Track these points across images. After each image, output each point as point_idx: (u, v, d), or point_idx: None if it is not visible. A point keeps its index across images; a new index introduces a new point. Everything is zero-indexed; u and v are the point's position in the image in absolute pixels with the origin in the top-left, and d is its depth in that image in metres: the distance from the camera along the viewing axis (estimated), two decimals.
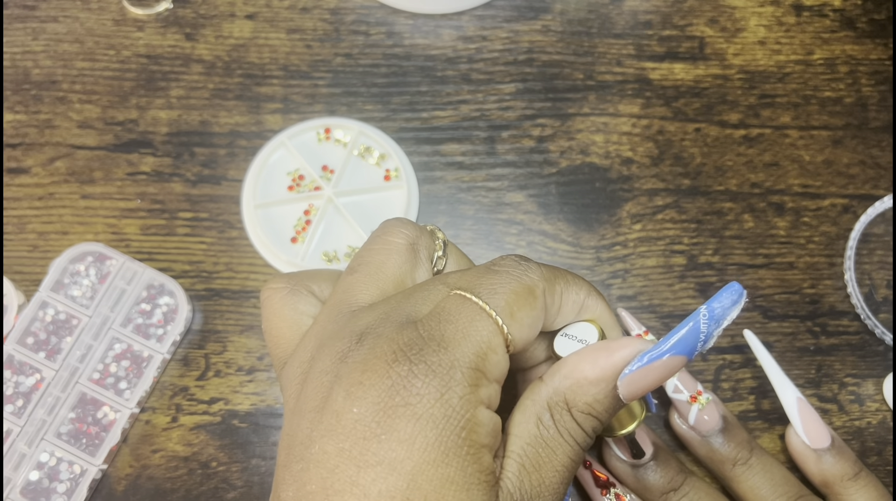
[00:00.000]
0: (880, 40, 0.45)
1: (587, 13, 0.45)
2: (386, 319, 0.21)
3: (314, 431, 0.20)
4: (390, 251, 0.24)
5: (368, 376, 0.20)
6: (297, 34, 0.44)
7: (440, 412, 0.20)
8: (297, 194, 0.40)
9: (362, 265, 0.24)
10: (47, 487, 0.35)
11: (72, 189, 0.41)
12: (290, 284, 0.24)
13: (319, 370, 0.21)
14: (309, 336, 0.23)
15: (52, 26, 0.43)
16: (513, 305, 0.22)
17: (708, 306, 0.22)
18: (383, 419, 0.20)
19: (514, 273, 0.23)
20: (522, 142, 0.42)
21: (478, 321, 0.21)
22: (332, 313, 0.23)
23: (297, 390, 0.22)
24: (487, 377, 0.21)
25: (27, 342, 0.37)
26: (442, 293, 0.22)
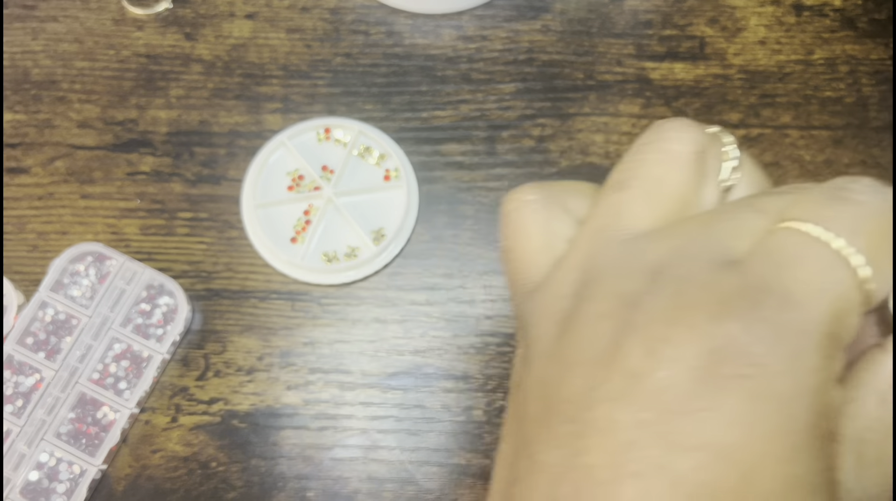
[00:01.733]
0: (881, 40, 0.45)
1: (587, 13, 0.45)
2: (685, 254, 0.17)
3: (595, 390, 0.16)
4: (671, 162, 0.19)
5: (680, 332, 0.15)
6: (297, 34, 0.44)
7: (789, 389, 0.15)
8: (296, 193, 0.40)
9: (635, 180, 0.19)
10: (47, 487, 0.35)
11: (71, 189, 0.41)
12: (542, 196, 0.20)
13: (596, 313, 0.17)
14: (570, 265, 0.18)
15: (51, 26, 0.43)
16: (880, 250, 0.16)
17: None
18: (704, 391, 0.15)
19: (878, 204, 0.17)
20: (522, 142, 0.42)
21: (834, 270, 0.16)
22: (599, 239, 0.18)
23: (555, 330, 0.18)
24: (842, 344, 0.16)
25: (27, 342, 0.37)
26: (760, 225, 0.17)
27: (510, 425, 0.19)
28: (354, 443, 0.37)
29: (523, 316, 0.19)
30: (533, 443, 0.17)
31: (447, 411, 0.38)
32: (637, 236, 0.18)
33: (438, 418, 0.38)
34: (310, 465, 0.37)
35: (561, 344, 0.17)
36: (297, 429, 0.37)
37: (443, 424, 0.38)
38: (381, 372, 0.38)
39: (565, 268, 0.19)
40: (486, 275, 0.40)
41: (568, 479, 0.16)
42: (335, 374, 0.38)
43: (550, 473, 0.17)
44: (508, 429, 0.19)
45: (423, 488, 0.37)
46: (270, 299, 0.39)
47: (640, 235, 0.18)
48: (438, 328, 0.39)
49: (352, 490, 0.37)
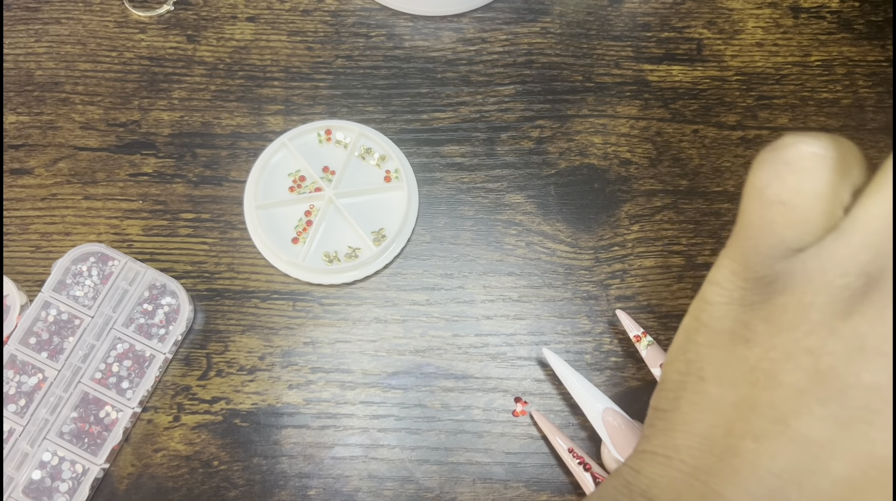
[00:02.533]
0: (878, 42, 0.45)
1: (586, 15, 0.45)
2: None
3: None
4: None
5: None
6: (299, 36, 0.44)
7: None
8: (298, 194, 0.41)
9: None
10: (49, 486, 0.36)
11: (74, 190, 0.41)
12: (836, 154, 0.18)
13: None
14: (859, 242, 0.17)
15: (54, 28, 0.44)
16: None
17: None
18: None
19: None
20: (522, 143, 0.42)
21: None
22: (890, 229, 0.17)
23: (840, 306, 0.17)
24: None
25: (30, 341, 0.37)
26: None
27: (723, 379, 0.18)
28: (355, 442, 0.38)
29: (773, 274, 0.18)
30: (790, 412, 0.17)
31: (447, 410, 0.38)
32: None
33: (438, 417, 0.38)
34: (311, 464, 0.37)
35: (849, 324, 0.17)
36: (298, 428, 0.38)
37: (443, 423, 0.38)
38: (382, 372, 0.39)
39: (854, 244, 0.17)
40: (486, 275, 0.40)
41: (844, 457, 0.16)
42: (336, 373, 0.39)
43: (818, 448, 0.16)
44: (716, 381, 0.18)
45: (423, 486, 0.37)
46: (272, 299, 0.40)
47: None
48: (438, 327, 0.39)
49: (352, 489, 0.37)
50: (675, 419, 0.19)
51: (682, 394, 0.19)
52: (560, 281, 0.40)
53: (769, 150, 0.19)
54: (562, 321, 0.39)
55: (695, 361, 0.19)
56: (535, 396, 0.38)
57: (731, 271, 0.19)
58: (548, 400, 0.38)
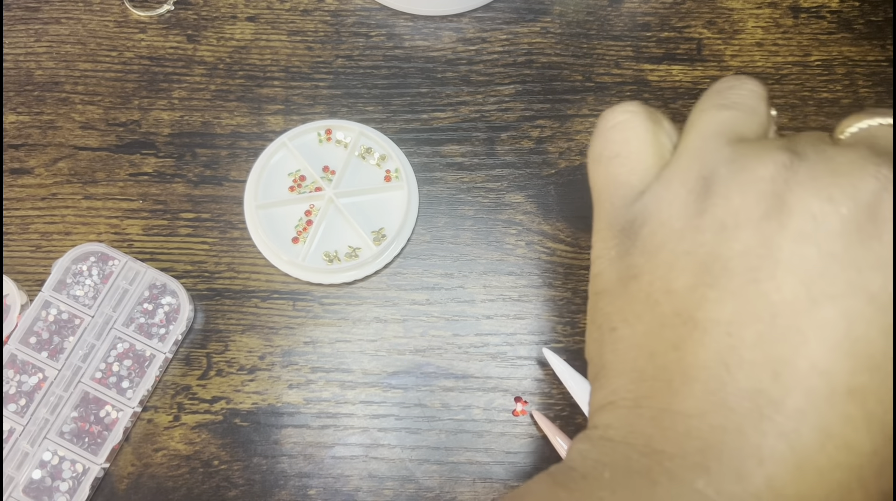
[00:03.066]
0: (877, 42, 0.45)
1: (586, 15, 0.45)
2: (807, 141, 0.19)
3: (773, 238, 0.18)
4: (759, 100, 0.22)
5: (843, 182, 0.18)
6: (299, 36, 0.44)
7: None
8: (298, 194, 0.41)
9: (737, 105, 0.22)
10: (50, 486, 0.36)
11: (74, 190, 0.41)
12: (646, 109, 0.23)
13: (749, 180, 0.19)
14: (689, 162, 0.21)
15: (54, 28, 0.44)
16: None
17: None
18: (877, 224, 0.17)
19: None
20: (522, 143, 0.42)
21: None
22: (714, 141, 0.21)
23: (694, 209, 0.19)
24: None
25: (30, 341, 0.37)
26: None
27: (629, 318, 0.20)
28: (355, 441, 0.38)
29: (631, 216, 0.21)
30: (692, 308, 0.19)
31: (447, 410, 0.38)
32: (747, 142, 0.20)
33: (438, 416, 0.38)
34: (311, 463, 0.37)
35: (706, 216, 0.19)
36: (298, 428, 0.38)
37: (442, 422, 0.38)
38: (382, 371, 0.39)
39: (685, 165, 0.21)
40: (486, 275, 0.40)
41: (753, 321, 0.18)
42: (336, 373, 0.39)
43: (727, 324, 0.18)
44: (624, 323, 0.20)
45: (423, 486, 0.37)
46: (272, 298, 0.40)
47: (750, 142, 0.20)
48: (438, 327, 0.39)
49: (352, 488, 0.37)
50: (606, 373, 0.21)
51: (604, 352, 0.21)
52: (560, 281, 0.40)
53: (596, 128, 0.23)
54: (562, 321, 0.39)
55: (603, 322, 0.21)
56: (535, 396, 0.38)
57: (602, 238, 0.22)
58: (548, 400, 0.38)
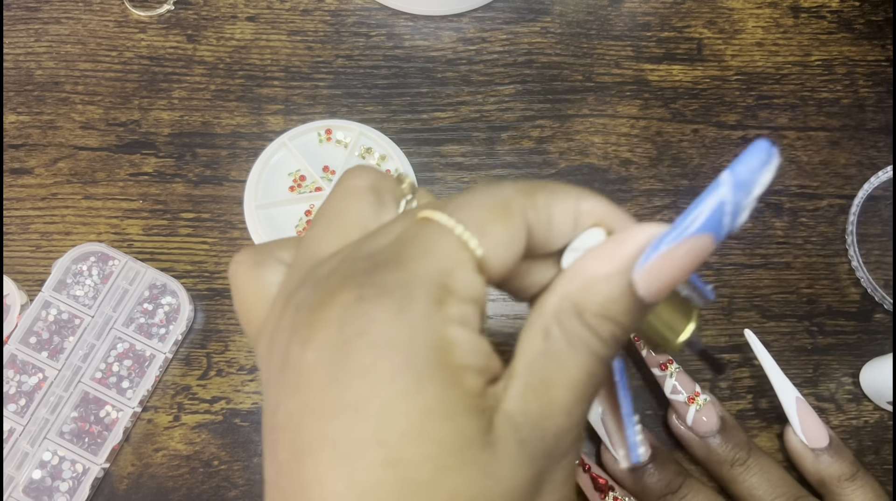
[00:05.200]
0: (878, 42, 0.45)
1: (586, 15, 0.45)
2: (345, 259, 0.19)
3: (279, 393, 0.18)
4: (349, 197, 0.22)
5: (317, 315, 0.18)
6: (299, 36, 0.44)
7: (401, 334, 0.17)
8: (298, 194, 0.41)
9: (321, 216, 0.22)
10: (50, 486, 0.36)
11: (74, 190, 0.41)
12: (254, 255, 0.22)
13: (280, 328, 0.19)
14: (275, 302, 0.21)
15: (54, 28, 0.44)
16: (482, 219, 0.19)
17: (731, 170, 0.18)
18: (339, 357, 0.17)
19: (484, 190, 0.20)
20: (522, 143, 0.42)
21: (441, 238, 0.19)
22: (296, 271, 0.21)
23: (267, 361, 0.20)
24: (455, 294, 0.18)
25: (30, 341, 0.37)
26: (404, 224, 0.20)
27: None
28: None
29: (258, 361, 0.21)
30: (264, 468, 0.19)
31: None
32: (322, 260, 0.20)
33: None
34: None
35: (268, 371, 0.19)
36: None
37: None
38: None
39: (273, 306, 0.21)
40: None
41: (278, 489, 0.18)
42: None
43: (270, 490, 0.18)
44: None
45: None
46: None
47: (325, 258, 0.20)
48: None
49: None
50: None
51: None
52: None
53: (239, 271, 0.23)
54: None
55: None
56: None
57: None
58: None
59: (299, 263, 0.21)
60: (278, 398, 0.18)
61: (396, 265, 0.18)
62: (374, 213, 0.22)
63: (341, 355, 0.17)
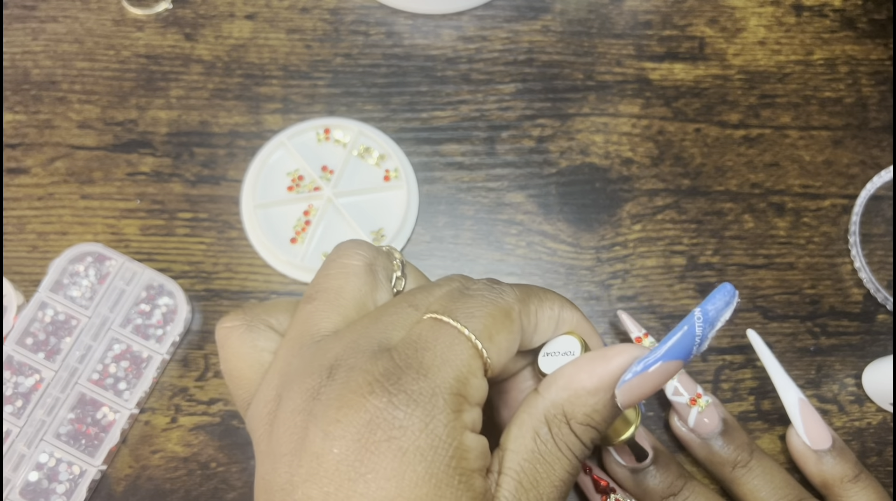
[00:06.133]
0: (880, 40, 0.45)
1: (587, 13, 0.45)
2: (356, 348, 0.21)
3: (294, 476, 0.19)
4: (348, 275, 0.23)
5: (345, 412, 0.19)
6: (297, 34, 0.44)
7: (426, 442, 0.19)
8: (296, 194, 0.40)
9: (320, 292, 0.23)
10: (46, 488, 0.35)
11: (71, 189, 0.41)
12: (245, 320, 0.23)
13: (290, 410, 0.20)
14: (272, 373, 0.22)
15: (51, 26, 0.43)
16: (490, 328, 0.22)
17: (702, 308, 0.21)
18: (366, 456, 0.19)
19: (490, 297, 0.22)
20: (522, 142, 0.42)
21: (456, 346, 0.21)
22: (294, 346, 0.22)
23: (266, 431, 0.21)
24: (469, 401, 0.21)
25: (26, 342, 0.37)
26: (413, 317, 0.22)
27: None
28: None
29: (248, 427, 0.22)
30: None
31: None
32: (325, 337, 0.22)
33: None
34: None
35: (270, 443, 0.21)
36: None
37: None
38: None
39: (269, 376, 0.22)
40: (486, 275, 0.40)
41: None
42: None
43: None
44: None
45: None
46: (270, 299, 0.39)
47: (328, 336, 0.22)
48: None
49: None
50: None
51: None
52: (561, 281, 0.40)
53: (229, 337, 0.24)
54: None
55: None
56: None
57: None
58: None
59: (297, 337, 0.22)
60: (293, 479, 0.19)
61: (420, 373, 0.20)
62: (371, 291, 0.23)
63: (370, 455, 0.19)
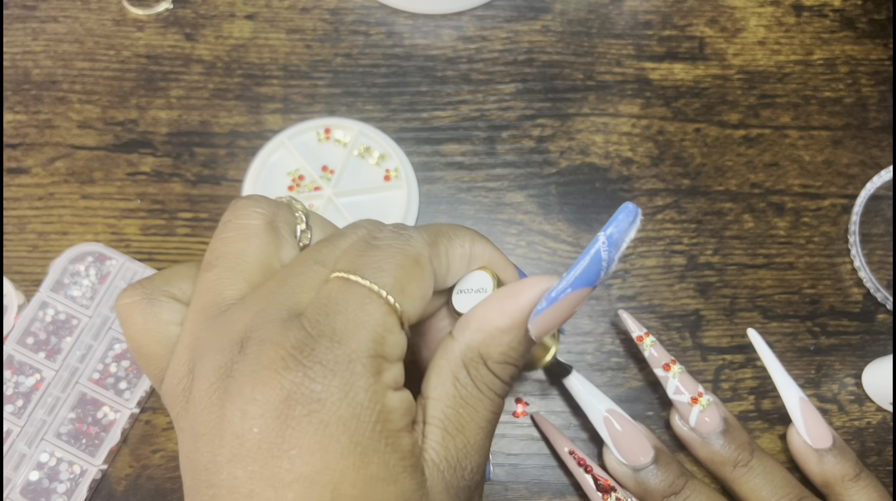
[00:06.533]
0: (880, 40, 0.45)
1: (587, 13, 0.45)
2: (265, 317, 0.20)
3: (217, 456, 0.19)
4: (248, 236, 0.22)
5: (261, 390, 0.18)
6: (297, 34, 0.44)
7: (348, 411, 0.18)
8: (297, 194, 0.40)
9: (220, 258, 0.21)
10: (47, 487, 0.35)
11: (72, 189, 0.41)
12: (145, 293, 0.22)
13: (204, 388, 0.19)
14: (181, 348, 0.21)
15: (52, 26, 0.43)
16: (402, 279, 0.20)
17: (605, 231, 0.21)
18: (288, 433, 0.18)
19: (397, 245, 0.21)
20: (522, 142, 0.42)
21: (368, 305, 0.20)
22: (200, 317, 0.21)
23: (182, 408, 0.20)
24: (388, 359, 0.20)
25: (27, 342, 0.37)
26: (320, 276, 0.20)
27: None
28: None
29: (164, 403, 0.22)
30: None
31: None
32: (231, 306, 0.21)
33: None
34: None
35: (188, 421, 0.20)
36: None
37: None
38: None
39: (178, 351, 0.21)
40: None
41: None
42: None
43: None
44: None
45: None
46: None
47: (233, 304, 0.21)
48: None
49: None
50: None
51: None
52: None
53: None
54: None
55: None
56: (536, 397, 0.38)
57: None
58: (549, 401, 0.38)
59: (202, 308, 0.21)
60: (216, 459, 0.19)
61: (334, 340, 0.19)
62: (275, 250, 0.22)
63: (291, 431, 0.18)
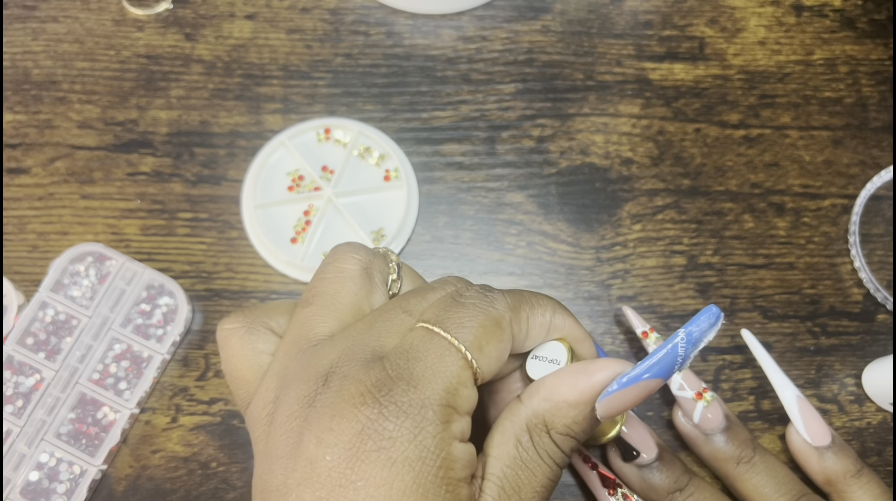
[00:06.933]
0: (880, 40, 0.45)
1: (587, 13, 0.45)
2: (350, 356, 0.21)
3: (289, 478, 0.20)
4: (344, 279, 0.24)
5: (338, 421, 0.20)
6: (297, 34, 0.44)
7: (415, 453, 0.20)
8: (296, 194, 0.40)
9: (317, 296, 0.23)
10: (47, 487, 0.35)
11: (71, 189, 0.41)
12: (245, 322, 0.24)
13: (287, 414, 0.21)
14: (270, 376, 0.23)
15: (52, 26, 0.43)
16: (481, 338, 0.22)
17: (686, 329, 0.22)
18: (357, 465, 0.19)
19: (481, 306, 0.23)
20: (522, 142, 0.42)
21: (447, 357, 0.21)
22: (292, 349, 0.23)
23: (264, 432, 0.22)
24: (458, 411, 0.21)
25: (27, 342, 0.37)
26: (406, 324, 0.22)
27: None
28: None
29: (248, 426, 0.23)
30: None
31: None
32: (322, 341, 0.22)
33: None
34: None
35: (267, 444, 0.21)
36: None
37: None
38: None
39: (267, 379, 0.23)
40: (486, 275, 0.40)
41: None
42: None
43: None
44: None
45: None
46: (270, 299, 0.39)
47: (324, 340, 0.22)
48: None
49: None
50: None
51: None
52: (561, 281, 0.40)
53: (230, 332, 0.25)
54: None
55: None
56: None
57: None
58: None
59: (294, 341, 0.23)
60: (287, 481, 0.20)
61: (410, 384, 0.20)
62: (366, 295, 0.24)
63: (360, 463, 0.19)
